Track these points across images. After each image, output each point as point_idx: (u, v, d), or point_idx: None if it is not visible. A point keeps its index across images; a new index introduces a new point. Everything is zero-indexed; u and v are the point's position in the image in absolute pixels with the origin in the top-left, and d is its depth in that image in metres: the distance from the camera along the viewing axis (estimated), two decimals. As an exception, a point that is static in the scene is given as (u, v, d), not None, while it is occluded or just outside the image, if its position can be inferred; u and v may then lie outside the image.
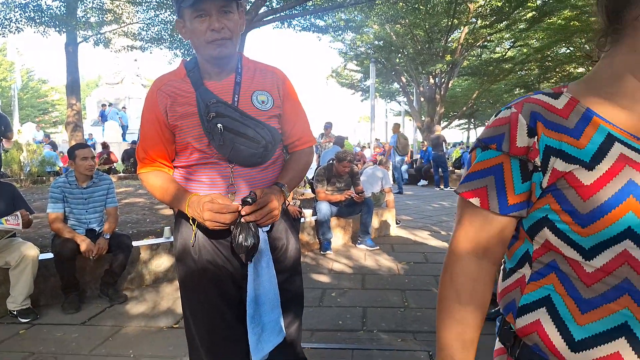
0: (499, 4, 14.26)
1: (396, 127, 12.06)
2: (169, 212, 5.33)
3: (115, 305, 3.28)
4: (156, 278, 3.77)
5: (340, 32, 16.29)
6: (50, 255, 3.27)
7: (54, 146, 14.05)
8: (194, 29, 1.30)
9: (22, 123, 20.64)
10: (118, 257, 3.31)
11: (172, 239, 3.88)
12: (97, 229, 3.42)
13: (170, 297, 3.47)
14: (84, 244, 3.18)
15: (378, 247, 5.05)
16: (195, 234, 1.37)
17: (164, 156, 1.40)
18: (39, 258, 3.09)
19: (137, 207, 5.84)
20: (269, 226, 1.42)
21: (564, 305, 0.69)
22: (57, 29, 9.03)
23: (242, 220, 1.26)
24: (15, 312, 2.95)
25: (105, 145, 12.15)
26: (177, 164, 1.43)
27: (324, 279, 3.97)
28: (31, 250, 3.00)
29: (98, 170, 3.61)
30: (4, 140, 5.76)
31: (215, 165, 1.36)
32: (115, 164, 11.63)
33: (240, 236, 1.26)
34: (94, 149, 13.30)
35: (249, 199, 1.25)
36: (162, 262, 3.80)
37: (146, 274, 3.74)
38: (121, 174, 10.58)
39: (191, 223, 1.37)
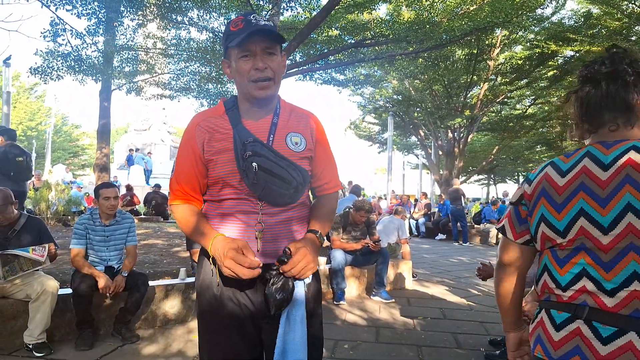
0: (520, 63, 14.50)
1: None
2: (185, 254, 5.37)
3: (127, 344, 3.27)
4: (169, 319, 3.76)
5: (359, 86, 16.83)
6: (68, 290, 3.32)
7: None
8: (239, 68, 1.36)
9: (53, 164, 21.51)
10: (134, 295, 3.34)
11: (186, 280, 3.92)
12: (115, 266, 3.49)
13: (182, 339, 3.45)
14: (102, 280, 3.24)
15: (393, 300, 4.94)
16: (216, 274, 1.37)
17: (195, 189, 1.43)
18: (58, 293, 3.14)
19: (156, 249, 5.92)
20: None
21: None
22: (94, 77, 9.61)
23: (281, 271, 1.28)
24: (30, 346, 2.97)
25: (129, 188, 12.47)
26: (207, 198, 1.46)
27: (336, 330, 3.89)
28: (52, 284, 3.06)
29: (121, 210, 3.73)
30: (34, 179, 6.08)
31: (244, 202, 1.38)
32: (137, 206, 11.87)
33: (274, 287, 1.27)
34: (118, 191, 13.66)
35: (284, 258, 1.27)
36: (176, 304, 3.81)
37: (159, 314, 3.74)
38: (142, 216, 10.78)
39: (211, 262, 1.38)
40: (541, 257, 1.25)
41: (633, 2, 10.80)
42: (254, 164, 1.32)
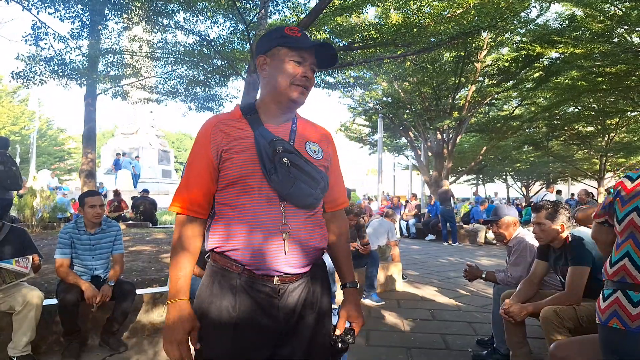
0: (506, 65, 14.67)
1: None
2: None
3: (115, 354, 3.23)
4: (157, 328, 3.72)
5: (349, 88, 16.86)
6: (54, 301, 3.27)
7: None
8: (285, 69, 1.37)
9: (38, 170, 21.18)
10: (121, 305, 3.29)
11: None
12: (102, 276, 3.44)
13: (170, 348, 3.41)
14: (87, 290, 3.19)
15: (383, 302, 4.95)
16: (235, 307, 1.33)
17: (206, 197, 1.38)
18: (43, 304, 3.09)
19: (144, 255, 5.86)
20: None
21: None
22: (79, 81, 9.48)
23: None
24: (15, 359, 2.91)
25: (117, 193, 12.34)
26: (223, 200, 1.37)
27: (327, 333, 3.88)
28: (36, 296, 3.00)
29: (107, 217, 3.68)
30: None
31: (266, 203, 1.33)
32: (125, 212, 11.75)
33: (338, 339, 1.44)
34: (105, 197, 13.50)
35: (350, 340, 1.46)
36: (164, 312, 3.76)
37: (148, 323, 3.70)
38: (130, 222, 10.67)
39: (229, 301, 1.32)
40: (622, 246, 1.56)
41: (614, 5, 10.98)
42: (286, 159, 1.30)
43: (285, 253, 1.30)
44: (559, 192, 16.63)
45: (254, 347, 1.32)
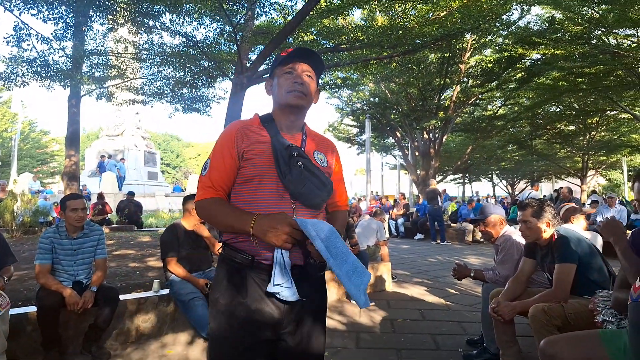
0: (489, 66, 14.87)
1: None
2: (159, 264, 5.23)
3: (98, 362, 3.15)
4: (142, 334, 3.64)
5: (337, 89, 16.86)
6: (33, 308, 3.17)
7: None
8: (280, 82, 1.58)
9: (19, 173, 20.75)
10: (104, 311, 3.21)
11: (160, 292, 3.80)
12: (84, 281, 3.35)
13: (156, 354, 3.34)
14: (69, 296, 3.10)
15: (373, 303, 4.93)
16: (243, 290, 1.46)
17: (227, 188, 1.54)
18: (22, 311, 2.99)
19: (128, 259, 5.74)
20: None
21: None
22: (62, 83, 9.28)
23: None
24: (-10, 369, 2.81)
25: (101, 196, 12.13)
26: (238, 196, 1.53)
27: (316, 335, 3.84)
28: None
29: (90, 221, 3.60)
30: None
31: (279, 200, 1.48)
32: (109, 215, 11.55)
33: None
34: (89, 200, 13.28)
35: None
36: (149, 318, 3.69)
37: (132, 329, 3.61)
38: (115, 225, 10.49)
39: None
40: None
41: (592, 7, 11.17)
42: (300, 163, 1.47)
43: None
44: (557, 190, 16.75)
45: (259, 327, 1.44)
